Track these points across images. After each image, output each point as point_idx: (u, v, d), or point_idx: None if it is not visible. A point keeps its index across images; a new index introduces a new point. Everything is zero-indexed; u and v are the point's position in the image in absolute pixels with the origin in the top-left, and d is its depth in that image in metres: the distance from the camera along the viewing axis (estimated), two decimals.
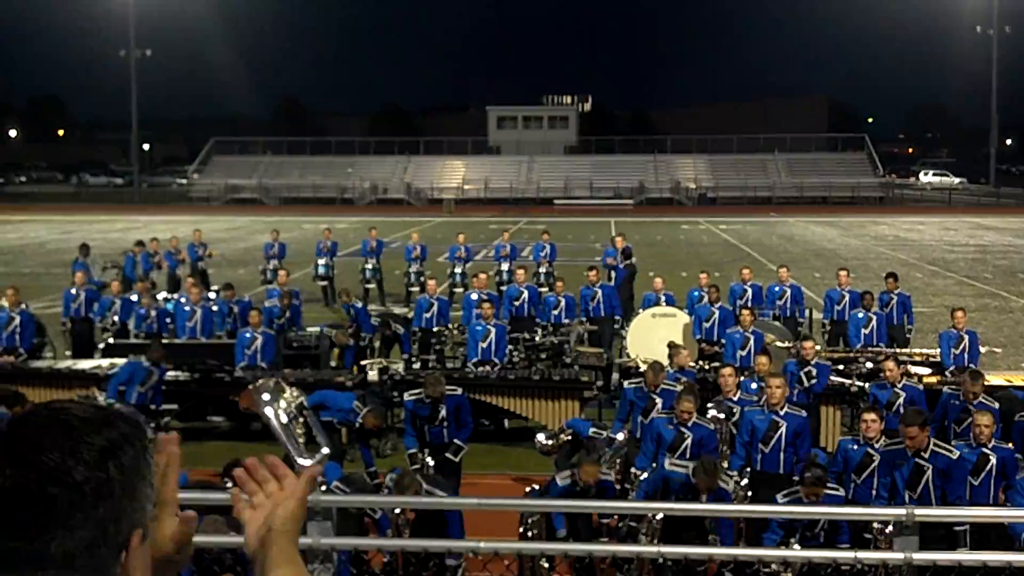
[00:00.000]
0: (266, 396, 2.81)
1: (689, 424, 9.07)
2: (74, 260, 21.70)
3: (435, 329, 15.46)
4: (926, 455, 7.99)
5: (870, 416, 8.58)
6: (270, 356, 13.43)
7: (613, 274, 20.39)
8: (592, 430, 10.15)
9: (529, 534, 7.63)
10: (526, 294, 16.80)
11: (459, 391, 10.55)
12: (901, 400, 10.47)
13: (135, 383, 11.89)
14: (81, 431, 1.35)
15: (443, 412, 10.07)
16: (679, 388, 9.95)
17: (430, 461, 9.91)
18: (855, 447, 8.54)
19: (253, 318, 13.78)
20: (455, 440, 10.11)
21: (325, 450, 2.97)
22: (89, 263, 20.92)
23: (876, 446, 8.45)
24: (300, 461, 2.37)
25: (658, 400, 10.08)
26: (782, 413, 9.26)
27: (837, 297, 16.39)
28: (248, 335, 13.50)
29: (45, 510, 1.29)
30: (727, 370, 10.64)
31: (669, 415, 9.27)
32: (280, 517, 1.61)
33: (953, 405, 10.37)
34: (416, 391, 10.35)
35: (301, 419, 2.80)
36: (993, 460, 8.24)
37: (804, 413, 9.57)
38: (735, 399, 10.27)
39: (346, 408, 10.89)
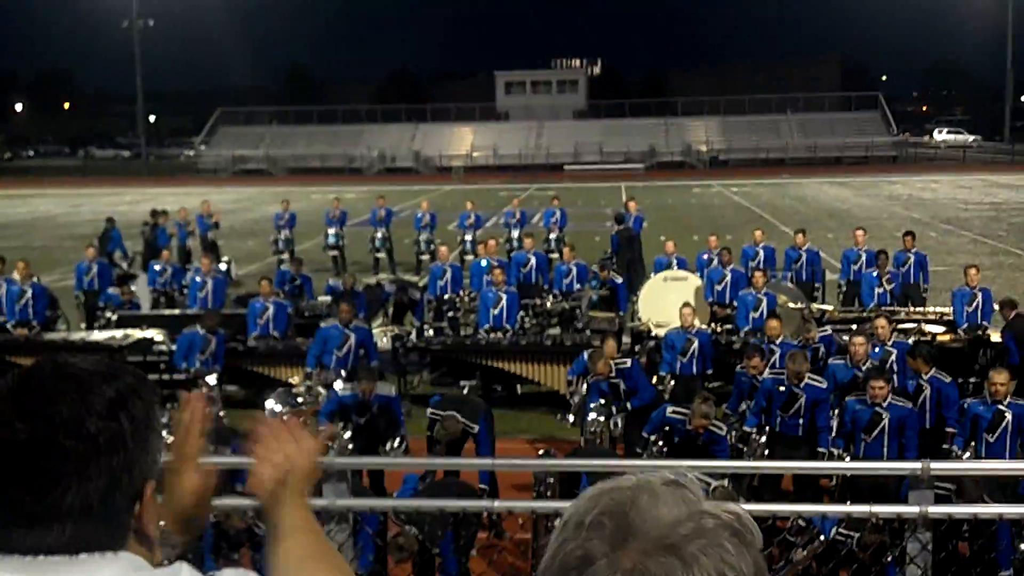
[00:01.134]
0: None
1: (801, 385, 9.04)
2: (104, 232, 21.86)
3: (447, 296, 15.47)
4: (884, 404, 8.36)
5: (877, 384, 8.49)
6: (282, 326, 13.45)
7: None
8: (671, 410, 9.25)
9: (545, 495, 7.66)
10: (534, 261, 16.77)
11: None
12: (893, 357, 10.46)
13: (195, 352, 11.97)
14: (90, 383, 1.35)
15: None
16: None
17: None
18: (860, 407, 8.54)
19: (264, 288, 13.80)
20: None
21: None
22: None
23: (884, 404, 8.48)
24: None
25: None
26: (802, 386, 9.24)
27: (854, 257, 16.30)
28: (259, 305, 13.52)
29: (59, 462, 1.29)
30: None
31: (779, 375, 9.27)
32: (294, 474, 1.63)
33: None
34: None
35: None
36: (1009, 417, 8.23)
37: (824, 384, 9.50)
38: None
39: None
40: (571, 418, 10.49)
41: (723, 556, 0.97)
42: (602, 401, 9.98)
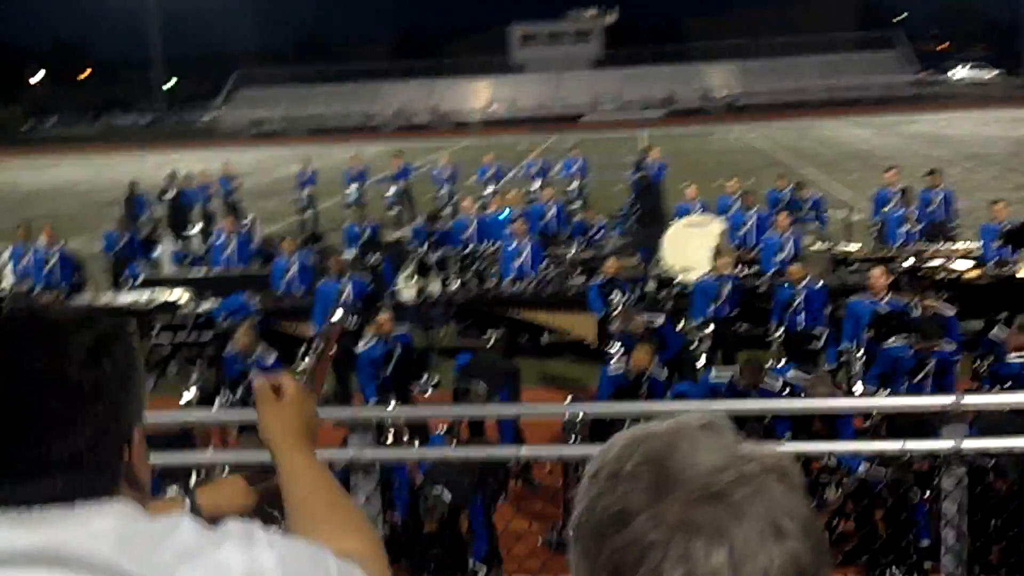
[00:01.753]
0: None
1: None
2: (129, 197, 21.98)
3: (471, 248, 15.47)
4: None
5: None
6: (306, 282, 13.47)
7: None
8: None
9: (572, 442, 7.68)
10: (554, 210, 16.71)
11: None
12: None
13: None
14: (68, 331, 1.30)
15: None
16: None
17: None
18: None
19: (287, 244, 13.81)
20: None
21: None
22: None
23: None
24: None
25: None
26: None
27: (887, 197, 15.92)
28: (283, 263, 13.55)
29: (43, 414, 1.25)
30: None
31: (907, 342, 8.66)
32: (290, 425, 1.66)
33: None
34: None
35: None
36: None
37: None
38: None
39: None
40: None
41: (772, 501, 0.92)
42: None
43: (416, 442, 7.33)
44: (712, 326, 11.47)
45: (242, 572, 1.24)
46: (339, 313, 10.40)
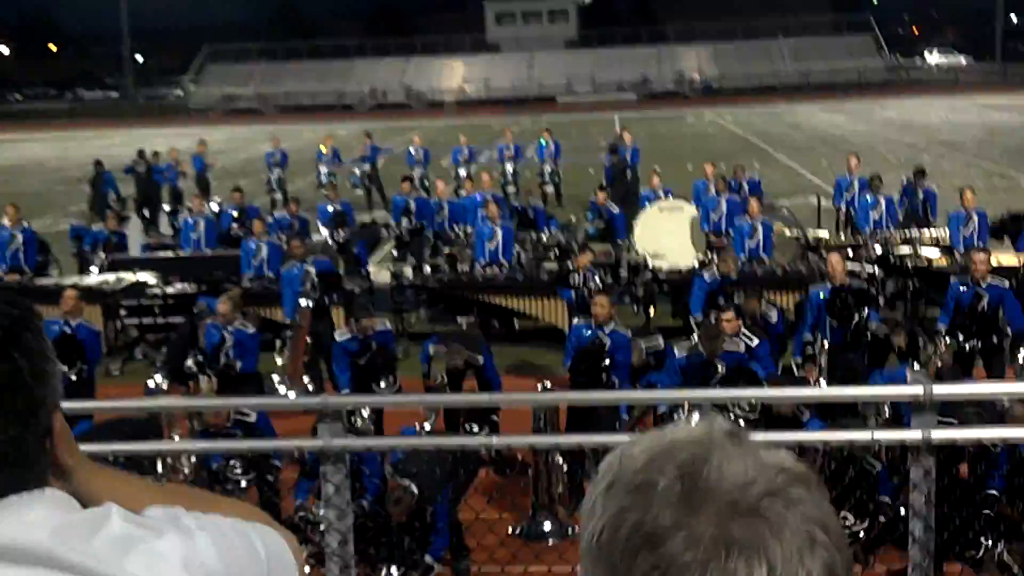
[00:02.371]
0: None
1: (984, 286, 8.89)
2: (95, 176, 21.64)
3: (444, 231, 15.42)
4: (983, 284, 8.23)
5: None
6: (276, 265, 13.37)
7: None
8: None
9: (545, 431, 7.67)
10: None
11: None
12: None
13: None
14: None
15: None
16: None
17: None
18: None
19: (257, 227, 13.70)
20: None
21: None
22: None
23: None
24: None
25: None
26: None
27: (847, 184, 16.12)
28: (253, 245, 13.43)
29: None
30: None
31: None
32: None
33: (963, 292, 10.16)
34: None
35: None
36: None
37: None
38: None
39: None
40: None
41: (804, 512, 0.89)
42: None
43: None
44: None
45: (181, 559, 1.22)
46: (304, 302, 10.34)
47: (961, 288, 10.05)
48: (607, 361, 8.48)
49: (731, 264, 10.59)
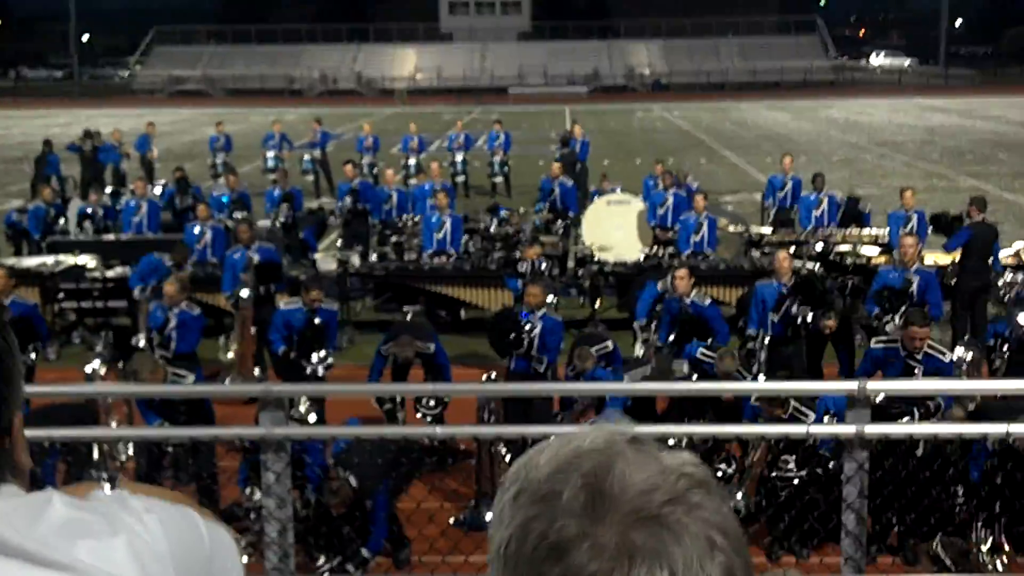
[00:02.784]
0: None
1: (920, 358, 7.88)
2: (40, 156, 21.14)
3: (392, 220, 15.36)
4: (919, 356, 7.74)
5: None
6: (220, 250, 13.21)
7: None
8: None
9: (488, 420, 7.70)
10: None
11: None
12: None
13: (152, 278, 11.51)
14: None
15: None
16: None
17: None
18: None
19: (202, 211, 13.52)
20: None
21: None
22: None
23: None
24: None
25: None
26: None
27: (779, 184, 16.22)
28: (197, 229, 13.25)
29: None
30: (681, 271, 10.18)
31: (891, 345, 8.19)
32: None
33: (892, 277, 10.35)
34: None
35: None
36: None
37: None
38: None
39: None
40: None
41: (704, 517, 0.91)
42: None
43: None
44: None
45: (127, 541, 1.21)
46: (245, 292, 10.24)
47: (891, 274, 10.31)
48: (536, 343, 8.58)
49: (685, 287, 10.23)
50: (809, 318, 9.69)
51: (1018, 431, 5.26)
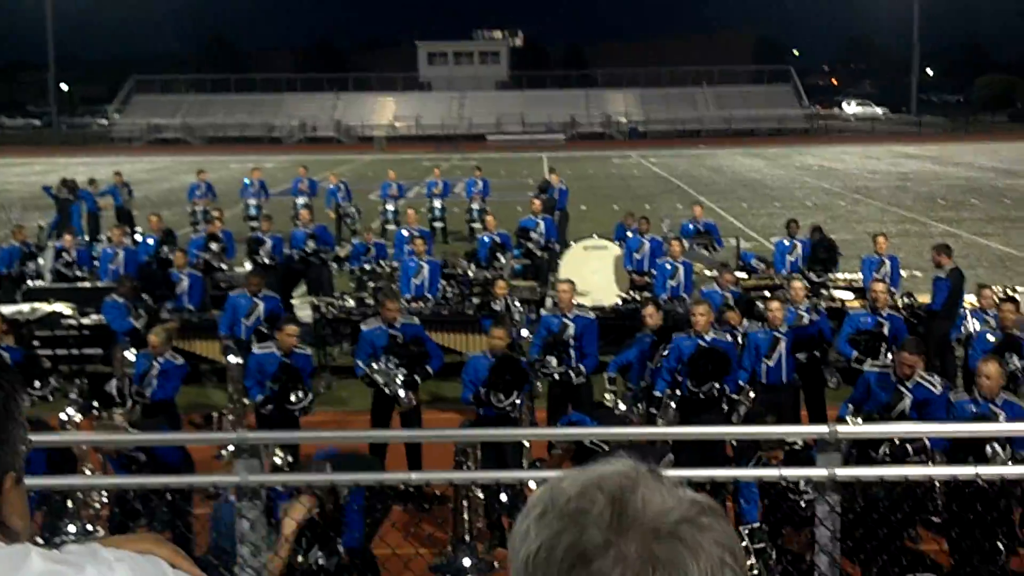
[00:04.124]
0: None
1: (911, 385, 8.04)
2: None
3: (367, 267, 15.39)
4: (909, 384, 7.91)
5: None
6: (197, 299, 13.22)
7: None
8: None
9: (464, 466, 7.68)
10: (498, 240, 16.49)
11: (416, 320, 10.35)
12: (805, 321, 10.63)
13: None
14: None
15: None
16: None
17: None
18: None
19: (178, 259, 13.52)
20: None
21: None
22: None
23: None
24: None
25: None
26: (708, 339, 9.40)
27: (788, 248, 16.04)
28: (174, 276, 13.25)
29: None
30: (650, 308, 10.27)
31: (884, 370, 8.41)
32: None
33: (864, 321, 10.48)
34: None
35: None
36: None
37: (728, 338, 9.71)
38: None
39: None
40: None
41: (716, 538, 1.01)
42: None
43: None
44: None
45: None
46: (234, 359, 10.20)
47: (862, 318, 10.46)
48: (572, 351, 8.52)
49: (706, 325, 9.91)
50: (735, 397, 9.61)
51: (987, 473, 5.33)
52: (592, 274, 14.78)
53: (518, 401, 8.64)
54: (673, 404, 9.17)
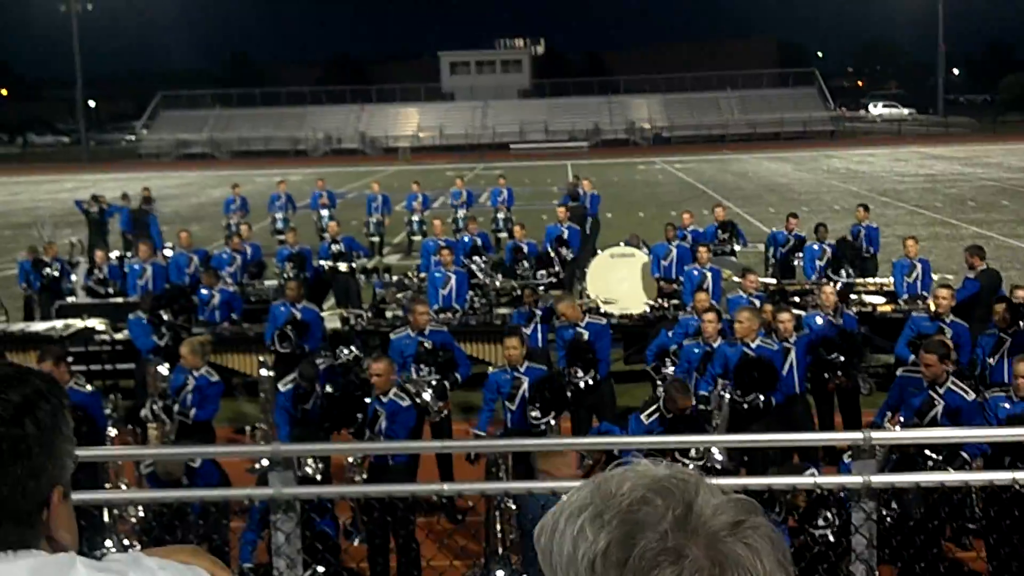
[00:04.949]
0: None
1: (943, 392, 7.82)
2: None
3: (395, 277, 15.46)
4: (941, 390, 7.74)
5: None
6: (226, 312, 13.30)
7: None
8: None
9: (496, 478, 7.69)
10: (479, 242, 16.81)
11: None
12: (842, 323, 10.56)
13: (147, 335, 11.74)
14: None
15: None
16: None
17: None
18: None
19: (205, 277, 13.65)
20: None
21: None
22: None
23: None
24: None
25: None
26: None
27: (783, 240, 16.55)
28: (206, 292, 13.36)
29: None
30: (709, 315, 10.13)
31: (914, 372, 8.26)
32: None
33: (926, 326, 10.30)
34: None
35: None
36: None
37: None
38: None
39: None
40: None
41: (772, 539, 1.05)
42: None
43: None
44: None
45: None
46: (265, 372, 10.28)
47: (924, 322, 10.32)
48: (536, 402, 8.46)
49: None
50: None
51: None
52: (619, 282, 14.76)
53: (552, 422, 8.58)
54: (726, 395, 9.05)
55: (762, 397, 8.96)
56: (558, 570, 1.06)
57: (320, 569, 6.15)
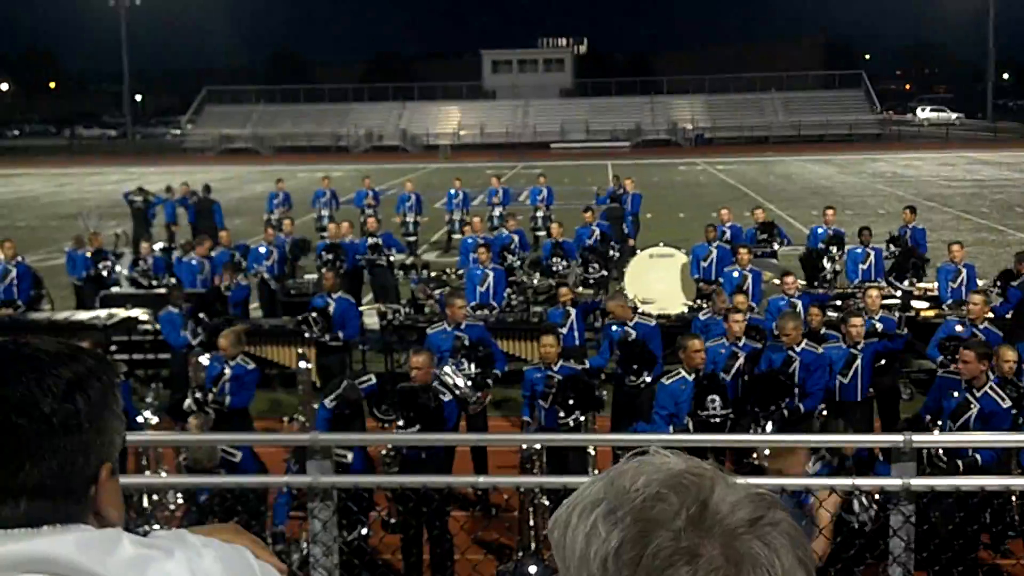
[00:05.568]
0: None
1: (979, 395, 7.82)
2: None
3: (433, 274, 15.51)
4: (978, 394, 7.66)
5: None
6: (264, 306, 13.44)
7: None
8: None
9: (531, 473, 7.69)
10: (516, 239, 16.82)
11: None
12: (881, 329, 10.46)
13: (177, 329, 11.86)
14: (48, 364, 1.35)
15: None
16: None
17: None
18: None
19: (227, 275, 13.82)
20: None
21: None
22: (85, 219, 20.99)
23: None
24: None
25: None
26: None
27: (823, 236, 16.15)
28: (243, 290, 13.53)
29: (12, 442, 1.30)
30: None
31: (954, 374, 8.23)
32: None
33: (960, 332, 10.22)
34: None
35: None
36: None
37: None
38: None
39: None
40: None
41: (790, 536, 1.03)
42: None
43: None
44: None
45: (189, 573, 1.34)
46: (304, 364, 10.38)
47: (957, 326, 10.22)
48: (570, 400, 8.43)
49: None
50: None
51: None
52: (657, 282, 14.71)
53: (582, 418, 8.57)
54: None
55: (783, 404, 8.85)
56: (571, 566, 1.04)
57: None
